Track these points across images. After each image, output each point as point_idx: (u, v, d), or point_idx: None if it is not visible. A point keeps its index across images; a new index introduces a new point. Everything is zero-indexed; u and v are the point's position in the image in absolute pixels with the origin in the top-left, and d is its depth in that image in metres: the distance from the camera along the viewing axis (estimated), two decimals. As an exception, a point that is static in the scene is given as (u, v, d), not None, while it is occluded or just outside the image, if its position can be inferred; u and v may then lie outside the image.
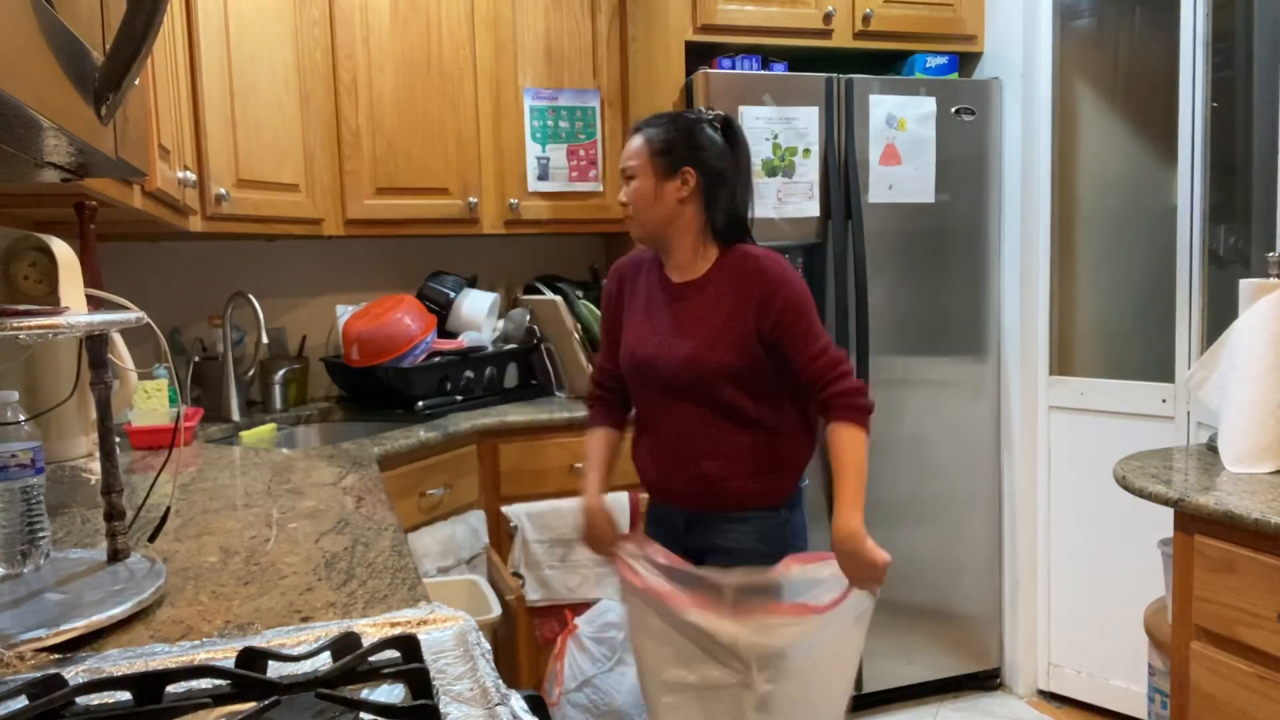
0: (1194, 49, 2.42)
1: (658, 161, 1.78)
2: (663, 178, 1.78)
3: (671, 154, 1.78)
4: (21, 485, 1.14)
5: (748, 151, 1.85)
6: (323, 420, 2.81)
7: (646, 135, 1.81)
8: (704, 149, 1.79)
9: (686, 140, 1.79)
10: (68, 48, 0.71)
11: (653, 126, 1.81)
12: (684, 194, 1.78)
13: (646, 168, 1.79)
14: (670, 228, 1.80)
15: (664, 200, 1.79)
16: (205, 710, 0.78)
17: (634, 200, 1.81)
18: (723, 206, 1.80)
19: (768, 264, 1.76)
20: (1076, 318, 2.90)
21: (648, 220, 1.81)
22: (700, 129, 1.80)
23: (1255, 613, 1.57)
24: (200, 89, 2.19)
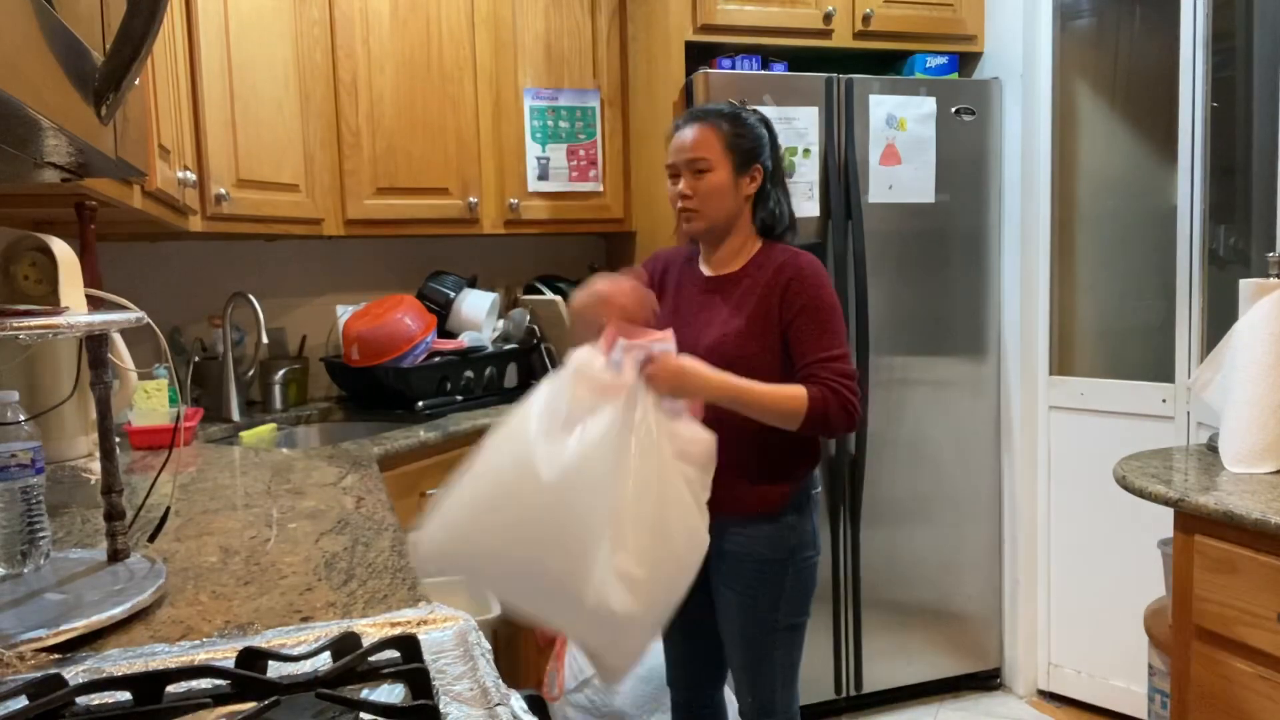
0: (1194, 49, 2.42)
1: (732, 156, 1.76)
2: (738, 172, 1.76)
3: (743, 148, 1.76)
4: (21, 485, 1.14)
5: (779, 148, 1.86)
6: (323, 420, 2.81)
7: (717, 127, 1.76)
8: (764, 146, 1.79)
9: (755, 135, 1.78)
10: (68, 48, 0.71)
11: (721, 119, 1.77)
12: (751, 190, 1.78)
13: (723, 161, 1.75)
14: (730, 221, 1.79)
15: (737, 195, 1.77)
16: (205, 710, 0.78)
17: (708, 193, 1.75)
18: (773, 203, 1.80)
19: (802, 262, 1.74)
20: (1076, 318, 2.90)
21: (716, 215, 1.77)
22: (763, 125, 1.80)
23: (1255, 613, 1.57)
24: (200, 89, 2.19)
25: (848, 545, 2.79)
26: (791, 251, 1.77)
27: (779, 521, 1.76)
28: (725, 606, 1.81)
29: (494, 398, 2.89)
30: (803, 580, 1.79)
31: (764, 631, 1.77)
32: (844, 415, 1.65)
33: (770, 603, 1.76)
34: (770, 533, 1.76)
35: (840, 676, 2.82)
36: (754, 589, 1.76)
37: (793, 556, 1.77)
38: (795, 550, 1.77)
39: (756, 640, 1.78)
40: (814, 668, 2.79)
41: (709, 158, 1.75)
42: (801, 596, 1.80)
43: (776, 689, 1.80)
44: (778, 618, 1.77)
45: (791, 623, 1.79)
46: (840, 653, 2.81)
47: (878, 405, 2.77)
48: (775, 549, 1.76)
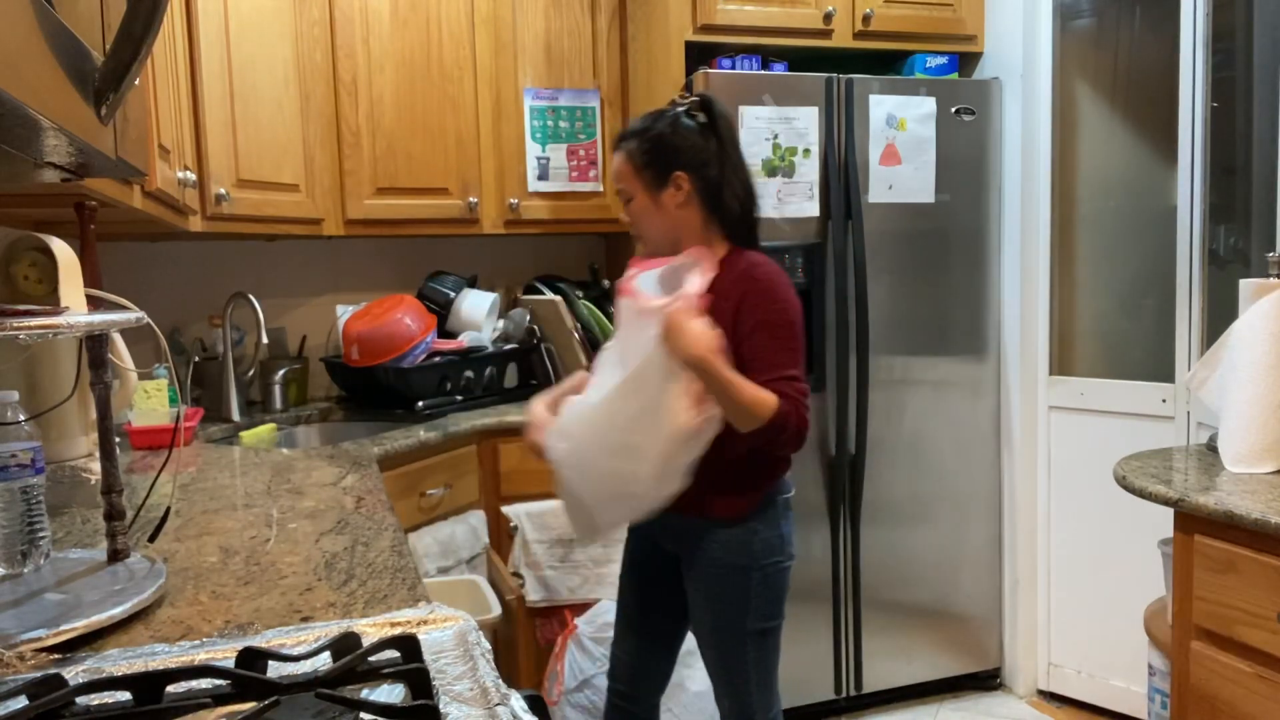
0: (1194, 49, 2.42)
1: (646, 175, 1.72)
2: (656, 190, 1.73)
3: (657, 163, 1.71)
4: (21, 485, 1.14)
5: (731, 130, 1.76)
6: (323, 420, 2.81)
7: (626, 151, 1.74)
8: (687, 147, 1.71)
9: (668, 144, 1.71)
10: (68, 48, 0.72)
11: (630, 139, 1.74)
12: (681, 199, 1.72)
13: (637, 184, 1.74)
14: (677, 234, 1.75)
15: (664, 212, 1.73)
16: (205, 710, 0.78)
17: (634, 220, 1.76)
18: (724, 198, 1.73)
19: (761, 274, 1.68)
20: (1076, 318, 2.90)
21: (653, 236, 1.77)
22: (678, 126, 1.72)
23: (1255, 613, 1.57)
24: (200, 89, 2.19)
25: (848, 545, 2.79)
26: (750, 262, 1.71)
27: (744, 527, 1.73)
28: (695, 610, 1.80)
29: (494, 398, 2.89)
30: (771, 586, 1.76)
31: (733, 637, 1.76)
32: (797, 437, 1.64)
33: (738, 609, 1.74)
34: (735, 538, 1.73)
35: (840, 676, 2.82)
36: (720, 594, 1.75)
37: (757, 563, 1.73)
38: (759, 556, 1.73)
39: (727, 645, 1.77)
40: (814, 668, 2.79)
41: (626, 186, 1.75)
42: (771, 602, 1.76)
43: (753, 693, 1.78)
44: (746, 623, 1.75)
45: (762, 628, 1.76)
46: (840, 653, 2.81)
47: (878, 405, 2.77)
48: (739, 555, 1.73)
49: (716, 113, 1.74)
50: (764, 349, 1.65)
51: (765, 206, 2.61)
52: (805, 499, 2.74)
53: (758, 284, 1.67)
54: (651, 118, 1.76)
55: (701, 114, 1.73)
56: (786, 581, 1.79)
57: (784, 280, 1.70)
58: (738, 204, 1.74)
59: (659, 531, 1.84)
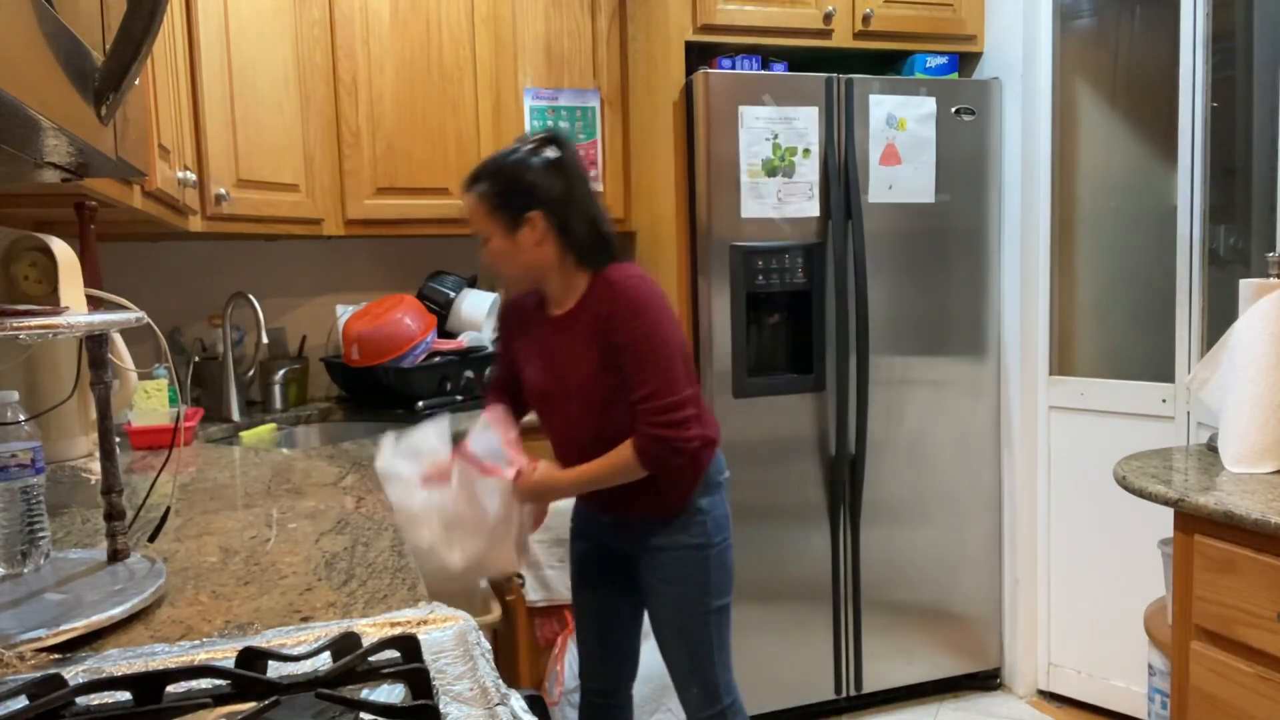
0: (1194, 49, 2.42)
1: (500, 217, 1.73)
2: (512, 230, 1.74)
3: (509, 205, 1.72)
4: (21, 485, 1.14)
5: (577, 162, 1.78)
6: (323, 420, 2.81)
7: (478, 194, 1.74)
8: (539, 186, 1.72)
9: (518, 185, 1.72)
10: (68, 48, 0.71)
11: (480, 181, 1.75)
12: (537, 237, 1.73)
13: (493, 227, 1.75)
14: (537, 272, 1.78)
15: (522, 251, 1.75)
16: (205, 710, 0.78)
17: (494, 261, 1.78)
18: (578, 230, 1.74)
19: (622, 293, 1.71)
20: (1076, 318, 2.90)
21: (515, 274, 1.79)
22: (527, 166, 1.73)
23: (1255, 613, 1.57)
24: (200, 89, 2.19)
25: (848, 545, 2.79)
26: (609, 282, 1.73)
27: (693, 511, 1.82)
28: (658, 600, 1.87)
29: (494, 398, 2.89)
30: (724, 563, 1.86)
31: (697, 615, 1.84)
32: (672, 453, 1.70)
33: (699, 587, 1.83)
34: (687, 522, 1.82)
35: (840, 676, 2.82)
36: (681, 576, 1.83)
37: (711, 540, 1.83)
38: (713, 534, 1.83)
39: (691, 626, 1.84)
40: (814, 668, 2.79)
41: (481, 228, 1.77)
42: (725, 578, 1.87)
43: (719, 673, 1.87)
44: (709, 602, 1.84)
45: (720, 604, 1.86)
46: (840, 653, 2.81)
47: (878, 405, 2.77)
48: (695, 535, 1.82)
49: (564, 147, 1.77)
50: (630, 370, 1.71)
51: (765, 207, 2.62)
52: (805, 499, 2.74)
53: (618, 305, 1.71)
54: (500, 157, 1.77)
55: (549, 150, 1.76)
56: (732, 559, 1.90)
57: (645, 294, 1.72)
58: (590, 231, 1.77)
59: (606, 533, 1.92)
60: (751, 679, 2.70)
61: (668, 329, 1.72)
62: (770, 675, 2.74)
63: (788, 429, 2.70)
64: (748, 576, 2.69)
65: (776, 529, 2.71)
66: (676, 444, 1.70)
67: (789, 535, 2.72)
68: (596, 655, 2.04)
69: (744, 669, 2.68)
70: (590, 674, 2.06)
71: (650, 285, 1.74)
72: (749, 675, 2.70)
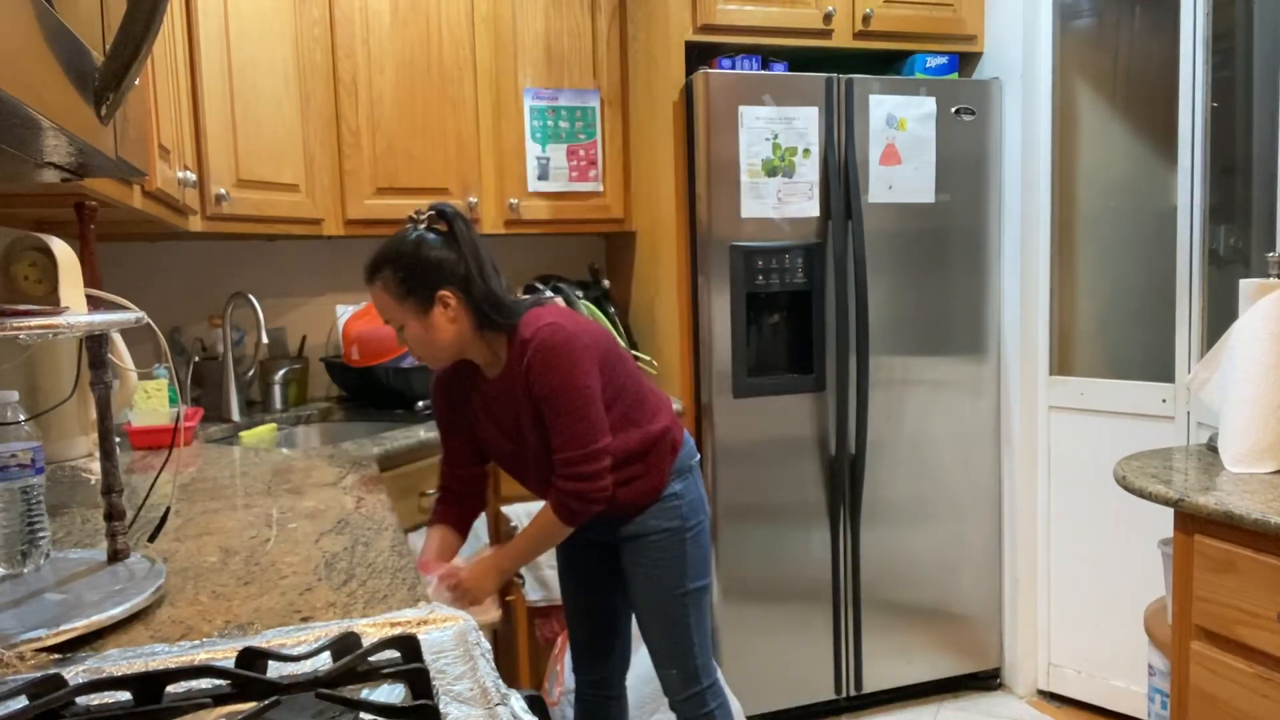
0: (1194, 49, 2.42)
1: (410, 303, 1.73)
2: (424, 313, 1.73)
3: (418, 289, 1.71)
4: (21, 485, 1.14)
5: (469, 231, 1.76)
6: (323, 420, 2.81)
7: (382, 282, 1.73)
8: (441, 264, 1.72)
9: (422, 268, 1.71)
10: (68, 48, 0.71)
11: (383, 269, 1.73)
12: (452, 314, 1.73)
13: (403, 314, 1.74)
14: (458, 347, 1.78)
15: (440, 331, 1.74)
16: (205, 710, 0.78)
17: (414, 347, 1.78)
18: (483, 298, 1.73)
19: (534, 348, 1.70)
20: (1076, 318, 2.90)
21: (438, 354, 1.79)
22: (425, 246, 1.72)
23: (1255, 613, 1.57)
24: (200, 89, 2.19)
25: (848, 545, 2.79)
26: (522, 339, 1.73)
27: (667, 498, 1.87)
28: (636, 585, 1.91)
29: (494, 398, 2.89)
30: (701, 544, 1.91)
31: (675, 599, 1.89)
32: (583, 504, 1.75)
33: (677, 570, 1.88)
34: (661, 508, 1.87)
35: (840, 676, 2.82)
36: (658, 560, 1.88)
37: (687, 523, 1.88)
38: (687, 517, 1.88)
39: (669, 609, 1.89)
40: (814, 668, 2.79)
41: (393, 317, 1.76)
42: (702, 560, 1.92)
43: (696, 654, 1.92)
44: (686, 584, 1.89)
45: (697, 586, 1.91)
46: (840, 653, 2.81)
47: (878, 405, 2.77)
48: (670, 518, 1.87)
49: (451, 219, 1.75)
50: (550, 424, 1.73)
51: (765, 207, 2.62)
52: (805, 499, 2.74)
53: (532, 361, 1.71)
54: (395, 243, 1.75)
55: (441, 224, 1.75)
56: (709, 540, 1.95)
57: (555, 345, 1.70)
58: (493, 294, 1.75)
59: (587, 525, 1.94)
60: (751, 679, 2.70)
61: (580, 377, 1.71)
62: (770, 675, 2.74)
63: (788, 429, 2.70)
64: (748, 576, 2.70)
65: (776, 529, 2.71)
66: (590, 496, 1.74)
67: (789, 535, 2.72)
68: (587, 646, 2.09)
69: (744, 669, 2.69)
70: (583, 665, 2.11)
71: (561, 334, 1.71)
72: (749, 675, 2.70)
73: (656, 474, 1.86)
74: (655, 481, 1.86)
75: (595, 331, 1.80)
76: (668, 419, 1.89)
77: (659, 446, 1.86)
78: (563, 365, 1.70)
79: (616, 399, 1.80)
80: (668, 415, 1.90)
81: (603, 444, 1.74)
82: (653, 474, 1.85)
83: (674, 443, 1.89)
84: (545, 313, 1.76)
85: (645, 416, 1.85)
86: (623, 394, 1.81)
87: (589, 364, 1.73)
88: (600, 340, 1.79)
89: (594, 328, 1.81)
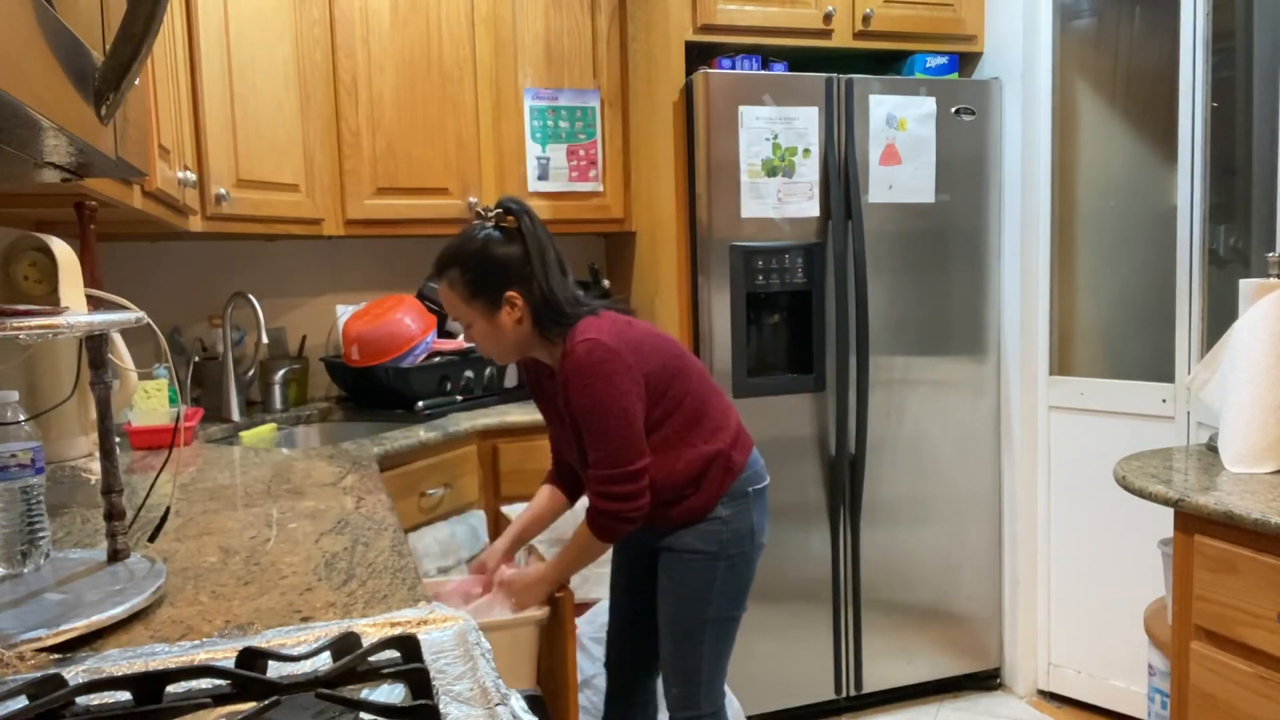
0: (1194, 49, 2.42)
1: (478, 304, 1.73)
2: (492, 314, 1.73)
3: (485, 291, 1.72)
4: (21, 485, 1.14)
5: (535, 226, 1.75)
6: (323, 420, 2.81)
7: (449, 281, 1.74)
8: (509, 265, 1.71)
9: (488, 268, 1.71)
10: (68, 48, 0.71)
11: (451, 268, 1.73)
12: (519, 315, 1.73)
13: (471, 313, 1.74)
14: (523, 347, 1.78)
15: (506, 332, 1.75)
16: (205, 710, 0.78)
17: (480, 343, 1.78)
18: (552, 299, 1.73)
19: (572, 363, 1.69)
20: (1076, 318, 2.90)
21: (504, 352, 1.79)
22: (493, 248, 1.72)
23: (1255, 613, 1.57)
24: (200, 89, 2.19)
25: (848, 545, 2.79)
26: (567, 350, 1.71)
27: (711, 520, 1.82)
28: (662, 597, 1.87)
29: (494, 398, 2.89)
30: (737, 574, 1.84)
31: (693, 622, 1.83)
32: (617, 523, 1.73)
33: (701, 594, 1.82)
34: (704, 529, 1.82)
35: (840, 676, 2.82)
36: (686, 579, 1.83)
37: (724, 550, 1.82)
38: (728, 544, 1.82)
39: (685, 630, 1.84)
40: (814, 668, 2.79)
41: (460, 316, 1.76)
42: (736, 591, 1.85)
43: (702, 681, 1.86)
44: (708, 610, 1.83)
45: (723, 616, 1.84)
46: (840, 653, 2.81)
47: (878, 405, 2.77)
48: (707, 542, 1.81)
49: (521, 215, 1.74)
50: (588, 443, 1.72)
51: (765, 207, 2.62)
52: (805, 499, 2.74)
53: (568, 376, 1.70)
54: (463, 241, 1.75)
55: (509, 219, 1.74)
56: (753, 572, 1.88)
57: (592, 364, 1.68)
58: (558, 296, 1.74)
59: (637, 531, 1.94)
60: (751, 679, 2.70)
61: (616, 398, 1.68)
62: (770, 675, 2.74)
63: (788, 429, 2.70)
64: (748, 576, 2.70)
65: (776, 529, 2.71)
66: (624, 515, 1.73)
67: (789, 535, 2.72)
68: (618, 639, 2.08)
69: (744, 669, 2.69)
70: (613, 659, 2.10)
71: (600, 352, 1.68)
72: (749, 675, 2.70)
73: (707, 495, 1.80)
74: (703, 501, 1.81)
75: (648, 345, 1.74)
76: (726, 441, 1.82)
77: (712, 468, 1.80)
78: (597, 384, 1.67)
79: (669, 416, 1.77)
80: (727, 437, 1.83)
81: (639, 465, 1.71)
82: (703, 494, 1.80)
83: (730, 465, 1.82)
84: (593, 325, 1.72)
85: (701, 436, 1.79)
86: (678, 410, 1.78)
87: (627, 384, 1.68)
88: (652, 356, 1.74)
89: (647, 341, 1.75)
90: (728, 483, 1.81)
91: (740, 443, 1.86)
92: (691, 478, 1.79)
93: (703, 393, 1.82)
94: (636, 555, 2.00)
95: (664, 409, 1.76)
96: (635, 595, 2.03)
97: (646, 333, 1.78)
